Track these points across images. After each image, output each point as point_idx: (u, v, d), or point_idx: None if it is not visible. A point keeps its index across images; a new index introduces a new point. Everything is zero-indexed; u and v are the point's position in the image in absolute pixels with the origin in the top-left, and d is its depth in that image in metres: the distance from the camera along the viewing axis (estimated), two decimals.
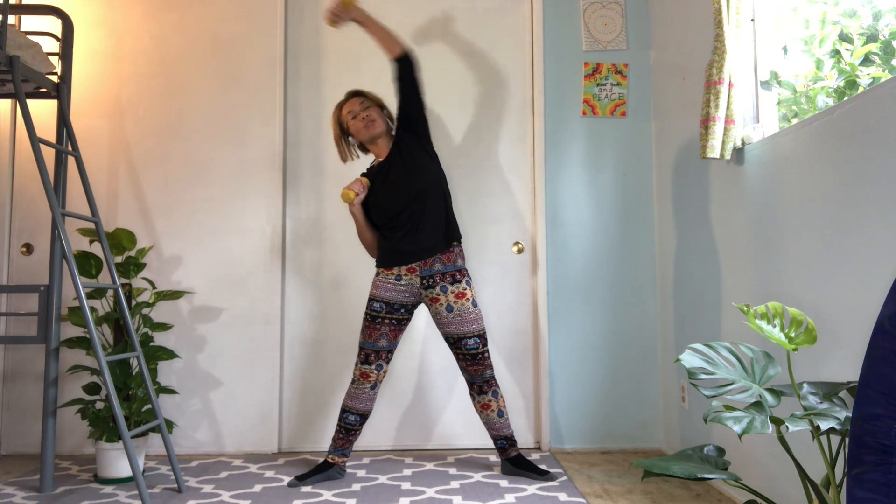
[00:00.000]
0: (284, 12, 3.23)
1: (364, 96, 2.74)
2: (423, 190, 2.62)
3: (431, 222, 2.63)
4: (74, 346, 2.66)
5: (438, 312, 2.63)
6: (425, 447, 3.14)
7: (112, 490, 2.52)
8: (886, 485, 1.01)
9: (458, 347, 2.63)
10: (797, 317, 1.44)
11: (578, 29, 3.27)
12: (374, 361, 2.62)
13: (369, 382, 2.62)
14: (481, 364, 2.63)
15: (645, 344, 3.17)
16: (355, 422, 2.63)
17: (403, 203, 2.61)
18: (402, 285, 2.64)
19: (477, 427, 3.14)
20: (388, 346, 2.64)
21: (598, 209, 3.22)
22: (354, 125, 2.69)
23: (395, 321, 2.64)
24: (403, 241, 2.62)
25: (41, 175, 2.32)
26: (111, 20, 3.22)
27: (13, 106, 3.16)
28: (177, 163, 3.18)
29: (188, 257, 3.14)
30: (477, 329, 2.63)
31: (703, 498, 2.38)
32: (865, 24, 2.09)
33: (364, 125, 2.67)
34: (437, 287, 2.63)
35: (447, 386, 3.16)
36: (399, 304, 2.64)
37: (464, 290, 2.65)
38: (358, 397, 2.62)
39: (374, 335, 2.62)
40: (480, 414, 2.69)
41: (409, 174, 2.63)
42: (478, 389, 2.66)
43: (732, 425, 1.26)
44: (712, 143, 2.24)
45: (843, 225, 1.75)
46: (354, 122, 2.69)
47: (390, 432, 3.14)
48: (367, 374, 2.61)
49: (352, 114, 2.70)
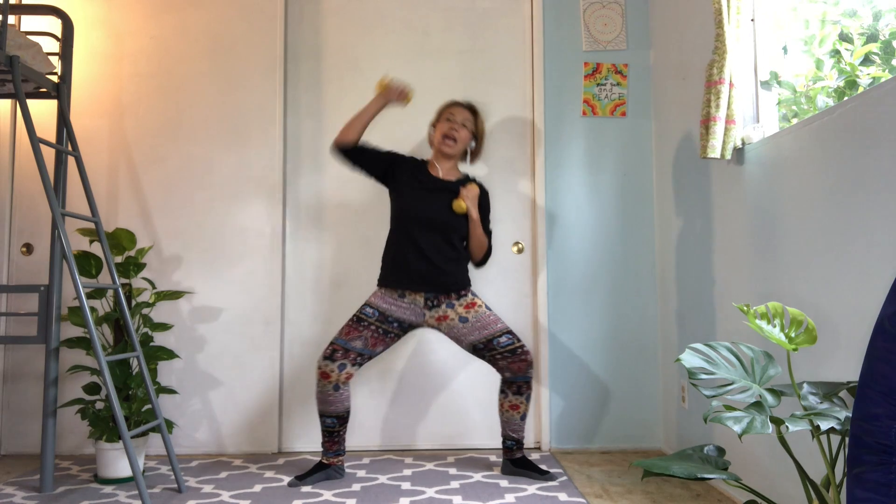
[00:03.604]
0: (284, 12, 3.23)
1: (476, 117, 2.72)
2: (459, 225, 2.61)
3: (452, 258, 2.61)
4: (74, 346, 2.66)
5: (453, 327, 2.59)
6: (425, 447, 3.14)
7: (112, 490, 2.52)
8: (886, 485, 1.01)
9: (492, 349, 2.57)
10: (797, 317, 1.44)
11: (578, 29, 3.27)
12: (338, 359, 2.51)
13: (330, 383, 2.50)
14: (524, 360, 2.57)
15: (645, 344, 3.17)
16: (333, 424, 2.56)
17: (440, 220, 2.58)
18: (404, 302, 2.60)
19: (477, 427, 3.14)
20: (361, 350, 2.54)
21: (598, 209, 3.22)
22: (443, 127, 2.67)
23: (381, 331, 2.57)
24: (419, 265, 2.57)
25: (41, 175, 2.32)
26: (111, 20, 3.21)
27: (13, 106, 3.16)
28: (177, 163, 3.18)
29: (188, 257, 3.14)
30: (503, 327, 2.60)
31: (703, 498, 2.38)
32: (865, 24, 2.09)
33: (447, 132, 2.64)
34: (442, 305, 2.61)
35: (448, 386, 3.16)
36: (394, 317, 2.59)
37: (472, 300, 2.63)
38: (325, 400, 2.53)
39: (351, 334, 2.55)
40: (505, 412, 2.64)
41: (449, 209, 2.60)
42: (516, 389, 2.60)
43: (732, 425, 1.26)
44: (712, 143, 2.24)
45: (844, 225, 1.75)
46: (446, 125, 2.66)
47: (390, 432, 3.14)
48: (326, 372, 2.50)
49: (451, 118, 2.67)
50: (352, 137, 2.62)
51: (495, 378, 3.14)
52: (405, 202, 2.62)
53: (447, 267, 2.60)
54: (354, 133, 2.62)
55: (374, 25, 3.27)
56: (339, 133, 2.63)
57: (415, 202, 2.61)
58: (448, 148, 2.66)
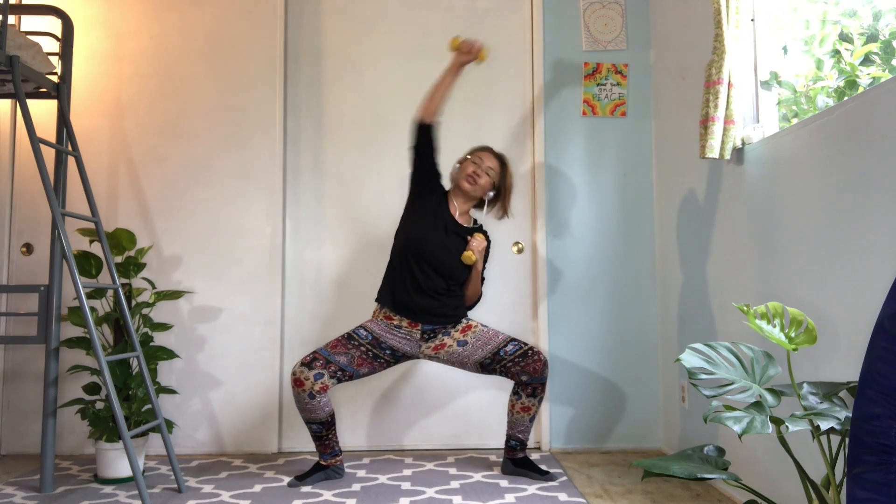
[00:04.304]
0: (284, 12, 3.23)
1: (504, 170, 2.69)
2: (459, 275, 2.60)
3: (454, 295, 2.61)
4: (74, 346, 2.66)
5: (453, 353, 2.58)
6: (425, 447, 3.14)
7: (112, 490, 2.52)
8: (886, 485, 1.01)
9: (501, 360, 2.55)
10: (797, 317, 1.44)
11: (578, 29, 3.27)
12: (315, 368, 2.45)
13: (304, 391, 2.43)
14: (538, 360, 2.55)
15: (645, 344, 3.17)
16: (319, 430, 2.53)
17: (448, 265, 2.57)
18: (400, 333, 2.59)
19: (477, 427, 3.14)
20: (343, 365, 2.49)
21: (598, 209, 3.22)
22: (467, 167, 2.63)
23: (371, 354, 2.54)
24: (421, 299, 2.55)
25: (41, 175, 2.32)
26: (111, 20, 3.22)
27: (13, 106, 3.16)
28: (177, 163, 3.18)
29: (188, 257, 3.14)
30: (506, 337, 2.59)
31: (703, 498, 2.38)
32: (865, 24, 2.09)
33: (472, 174, 2.61)
34: (438, 335, 2.60)
35: (447, 386, 3.16)
36: (388, 344, 2.57)
37: (468, 324, 2.63)
38: (303, 408, 2.47)
39: (337, 348, 2.51)
40: (515, 414, 2.62)
41: (456, 256, 2.59)
42: (531, 391, 2.57)
43: (732, 425, 1.26)
44: (712, 143, 2.24)
45: (844, 225, 1.75)
46: (470, 166, 2.63)
47: (390, 432, 3.14)
48: (300, 379, 2.43)
49: (476, 162, 2.64)
50: (433, 109, 2.57)
51: (495, 378, 3.14)
52: (419, 234, 2.58)
53: (449, 302, 2.60)
54: (434, 104, 2.57)
55: (374, 25, 3.27)
56: (420, 107, 2.58)
57: (427, 240, 2.57)
58: (468, 186, 2.62)
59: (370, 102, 3.24)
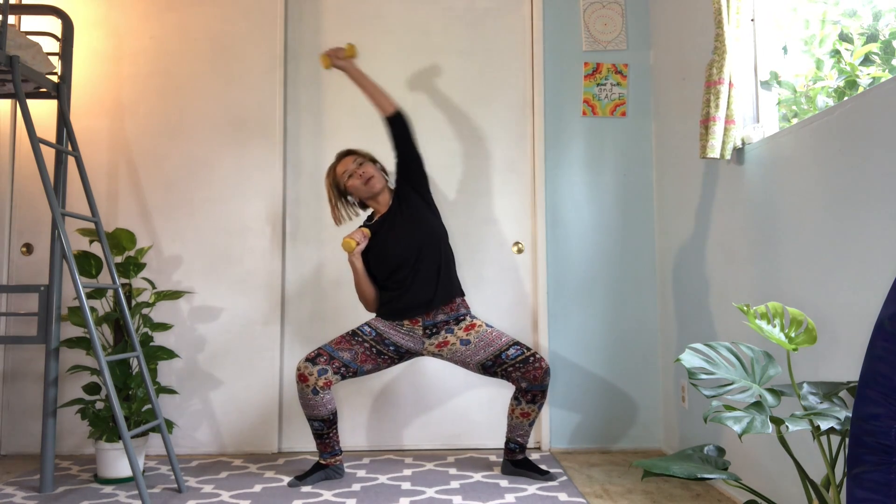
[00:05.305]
0: (284, 12, 3.23)
1: (356, 154, 2.72)
2: (425, 242, 2.59)
3: (431, 276, 2.59)
4: (74, 346, 2.66)
5: (455, 352, 2.58)
6: (425, 447, 3.14)
7: (112, 490, 2.52)
8: (886, 485, 1.01)
9: (502, 363, 2.54)
10: (797, 317, 1.44)
11: (578, 29, 3.27)
12: (319, 364, 2.48)
13: (308, 386, 2.47)
14: (539, 367, 2.52)
15: (645, 344, 3.17)
16: (320, 428, 2.55)
17: (405, 255, 2.57)
18: (403, 330, 2.61)
19: (477, 427, 3.14)
20: (347, 361, 2.52)
21: (598, 209, 3.22)
22: (352, 183, 2.65)
23: (375, 350, 2.56)
24: (403, 299, 2.57)
25: (41, 175, 2.32)
26: (111, 20, 3.21)
27: (13, 106, 3.16)
28: (177, 163, 3.18)
29: (188, 257, 3.14)
30: (509, 340, 2.58)
31: (703, 498, 2.38)
32: (865, 24, 2.09)
33: (363, 182, 2.63)
34: (441, 332, 2.60)
35: (447, 386, 3.16)
36: (391, 341, 2.58)
37: (472, 322, 2.62)
38: (306, 404, 2.50)
39: (341, 344, 2.54)
40: (515, 418, 2.61)
41: (412, 225, 2.60)
42: (531, 398, 2.56)
43: (732, 425, 1.26)
44: (712, 143, 2.24)
45: (844, 225, 1.75)
46: (352, 180, 2.65)
47: (390, 432, 3.14)
48: (304, 375, 2.47)
49: (347, 173, 2.65)
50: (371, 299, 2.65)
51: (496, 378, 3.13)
52: (382, 252, 2.61)
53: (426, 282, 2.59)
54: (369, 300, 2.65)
55: (374, 25, 3.27)
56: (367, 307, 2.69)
57: (390, 245, 2.60)
58: (372, 185, 2.64)
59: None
